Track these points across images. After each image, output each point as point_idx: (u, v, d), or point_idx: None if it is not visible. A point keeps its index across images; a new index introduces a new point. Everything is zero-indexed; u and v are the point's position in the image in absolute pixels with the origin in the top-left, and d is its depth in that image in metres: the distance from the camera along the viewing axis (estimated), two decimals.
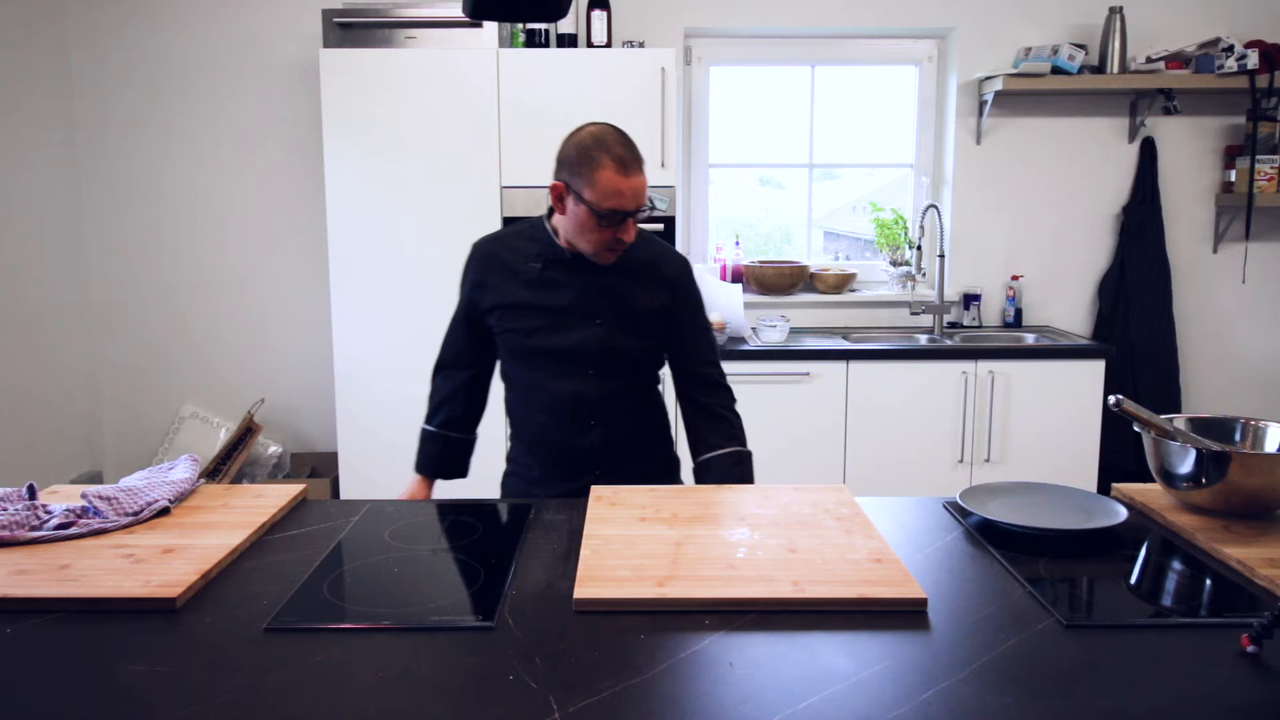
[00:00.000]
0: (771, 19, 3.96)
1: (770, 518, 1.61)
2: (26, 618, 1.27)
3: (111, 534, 1.54)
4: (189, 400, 4.08)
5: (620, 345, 1.91)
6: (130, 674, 1.12)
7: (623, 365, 1.94)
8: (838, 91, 4.22)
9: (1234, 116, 4.01)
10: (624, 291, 1.91)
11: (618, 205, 1.77)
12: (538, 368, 1.93)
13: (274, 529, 1.63)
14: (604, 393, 1.94)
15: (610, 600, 1.30)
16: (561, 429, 1.95)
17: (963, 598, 1.33)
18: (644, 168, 1.80)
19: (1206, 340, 4.15)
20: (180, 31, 3.89)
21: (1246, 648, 1.16)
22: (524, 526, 1.62)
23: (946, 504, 1.74)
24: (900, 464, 3.65)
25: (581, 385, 1.92)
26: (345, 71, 3.47)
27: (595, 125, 1.82)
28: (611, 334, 1.90)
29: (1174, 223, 4.08)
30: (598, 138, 1.78)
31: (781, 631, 1.23)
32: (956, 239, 4.10)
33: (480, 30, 3.61)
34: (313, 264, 4.02)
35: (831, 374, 3.59)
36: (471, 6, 1.69)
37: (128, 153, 3.96)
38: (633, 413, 2.00)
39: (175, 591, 1.30)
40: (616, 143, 1.78)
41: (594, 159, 1.76)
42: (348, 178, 3.52)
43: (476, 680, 1.10)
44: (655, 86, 3.49)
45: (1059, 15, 3.97)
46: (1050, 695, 1.07)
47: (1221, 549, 1.46)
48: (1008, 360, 3.62)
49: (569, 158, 1.80)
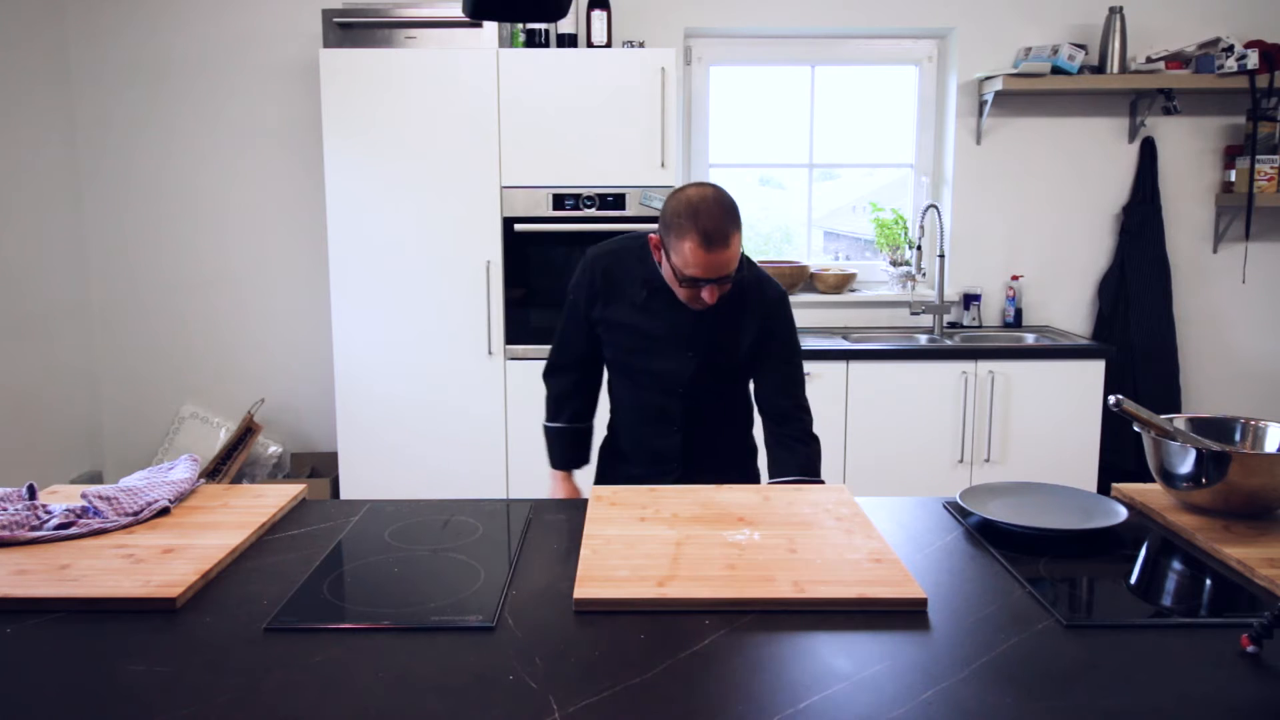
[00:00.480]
0: (771, 19, 3.96)
1: (770, 518, 1.61)
2: (26, 618, 1.27)
3: (111, 534, 1.54)
4: (189, 400, 4.08)
5: (710, 376, 2.00)
6: (130, 674, 1.12)
7: (711, 388, 2.04)
8: (838, 91, 4.22)
9: (1234, 116, 4.01)
10: (721, 325, 1.97)
11: (695, 275, 1.80)
12: (632, 379, 2.05)
13: (274, 529, 1.63)
14: (689, 407, 2.03)
15: (610, 600, 1.30)
16: (646, 428, 2.07)
17: (963, 598, 1.33)
18: (735, 236, 1.79)
19: (1206, 340, 4.15)
20: (180, 31, 3.89)
21: (1246, 648, 1.16)
22: (524, 526, 1.62)
23: (946, 504, 1.74)
24: (900, 464, 3.65)
25: (669, 401, 2.02)
26: (345, 71, 3.47)
27: (698, 188, 1.83)
28: (703, 366, 1.98)
29: (1174, 223, 4.08)
30: (693, 205, 1.78)
31: (781, 631, 1.23)
32: (956, 239, 4.10)
33: (480, 30, 3.61)
34: (313, 264, 4.02)
35: (831, 374, 3.59)
36: (471, 6, 1.69)
37: (128, 153, 3.96)
38: (715, 420, 2.09)
39: (175, 591, 1.31)
40: (709, 214, 1.77)
41: (682, 227, 1.78)
42: (348, 178, 3.52)
43: (476, 680, 1.10)
44: (655, 86, 3.49)
45: (1059, 15, 3.97)
46: (1050, 695, 1.07)
47: (1221, 549, 1.46)
48: (1008, 360, 3.62)
49: (666, 217, 1.83)
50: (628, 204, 3.53)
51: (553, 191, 3.52)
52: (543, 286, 3.59)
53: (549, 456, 2.20)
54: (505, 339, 3.59)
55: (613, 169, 3.52)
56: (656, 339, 1.98)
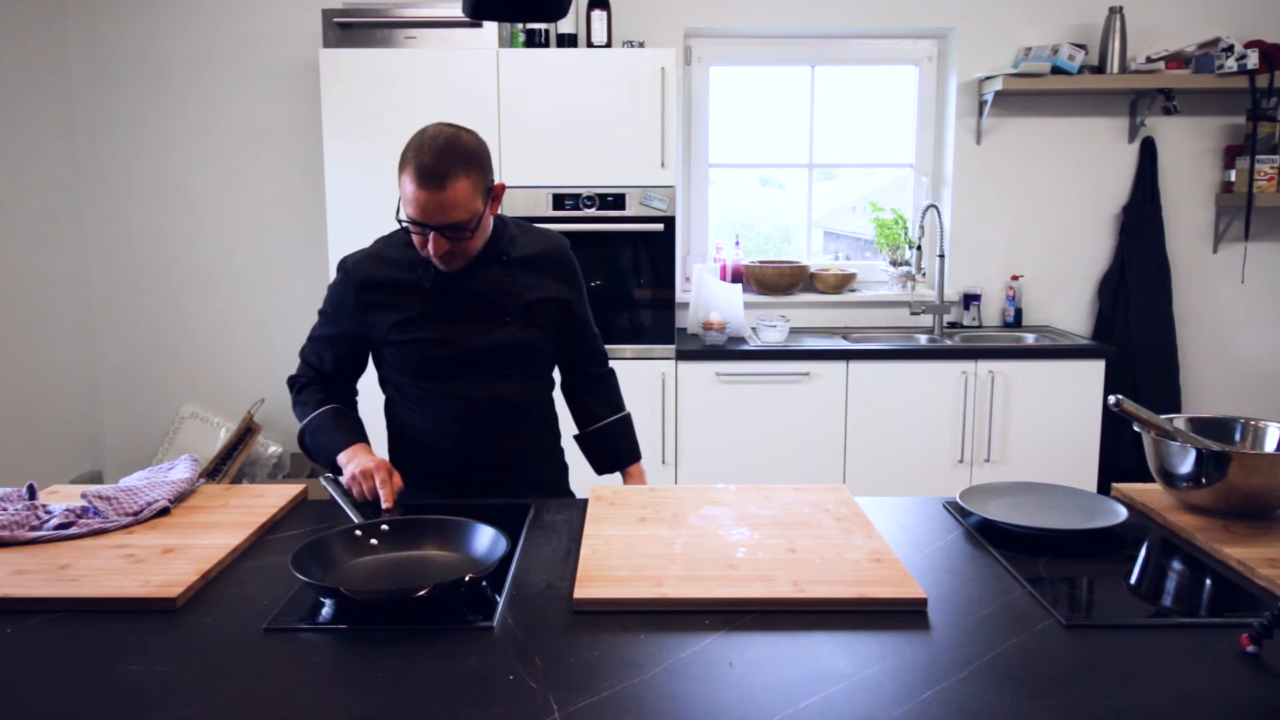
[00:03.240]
0: (771, 19, 3.96)
1: (770, 518, 1.61)
2: (26, 618, 1.27)
3: (111, 534, 1.54)
4: (189, 400, 4.08)
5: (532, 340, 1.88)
6: (130, 673, 1.12)
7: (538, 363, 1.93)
8: (838, 91, 4.22)
9: (1234, 116, 4.01)
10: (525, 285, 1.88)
11: (412, 215, 1.68)
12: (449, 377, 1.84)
13: (274, 529, 1.63)
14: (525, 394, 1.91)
15: (610, 600, 1.30)
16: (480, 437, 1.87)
17: (963, 598, 1.33)
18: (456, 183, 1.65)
19: (1206, 340, 4.15)
20: (181, 32, 3.89)
21: (1246, 648, 1.16)
22: (524, 526, 1.62)
23: (946, 504, 1.74)
24: (900, 464, 3.65)
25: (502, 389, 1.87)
26: (345, 71, 3.47)
27: (435, 125, 1.72)
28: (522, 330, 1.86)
29: (1174, 223, 4.08)
30: (416, 139, 1.69)
31: (781, 631, 1.23)
32: (956, 239, 4.10)
33: (480, 30, 3.61)
34: (313, 264, 4.01)
35: (831, 374, 3.59)
36: (471, 6, 1.69)
37: (128, 153, 3.96)
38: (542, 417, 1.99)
39: (175, 591, 1.30)
40: (431, 149, 1.66)
41: (404, 161, 1.68)
42: (348, 178, 3.52)
43: (476, 680, 1.10)
44: (655, 86, 3.49)
45: (1059, 15, 3.97)
46: (1050, 695, 1.07)
47: (1221, 549, 1.46)
48: (1008, 360, 3.62)
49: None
50: (628, 204, 3.53)
51: (553, 191, 3.52)
52: None
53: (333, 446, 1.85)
54: None
55: (613, 169, 3.52)
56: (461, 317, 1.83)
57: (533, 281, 1.89)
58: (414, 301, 1.82)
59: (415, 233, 1.72)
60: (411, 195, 1.67)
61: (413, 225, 1.70)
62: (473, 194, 1.69)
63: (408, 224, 1.71)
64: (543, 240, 1.95)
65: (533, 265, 1.90)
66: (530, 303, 1.88)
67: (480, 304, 1.84)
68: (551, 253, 1.94)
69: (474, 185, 1.69)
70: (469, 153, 1.69)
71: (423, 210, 1.67)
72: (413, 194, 1.66)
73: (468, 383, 1.84)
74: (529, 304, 1.88)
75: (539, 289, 1.89)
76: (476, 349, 1.84)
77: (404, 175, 1.68)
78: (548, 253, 1.93)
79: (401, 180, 1.69)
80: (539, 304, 1.89)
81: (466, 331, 1.83)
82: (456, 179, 1.66)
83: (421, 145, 1.67)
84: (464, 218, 1.69)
